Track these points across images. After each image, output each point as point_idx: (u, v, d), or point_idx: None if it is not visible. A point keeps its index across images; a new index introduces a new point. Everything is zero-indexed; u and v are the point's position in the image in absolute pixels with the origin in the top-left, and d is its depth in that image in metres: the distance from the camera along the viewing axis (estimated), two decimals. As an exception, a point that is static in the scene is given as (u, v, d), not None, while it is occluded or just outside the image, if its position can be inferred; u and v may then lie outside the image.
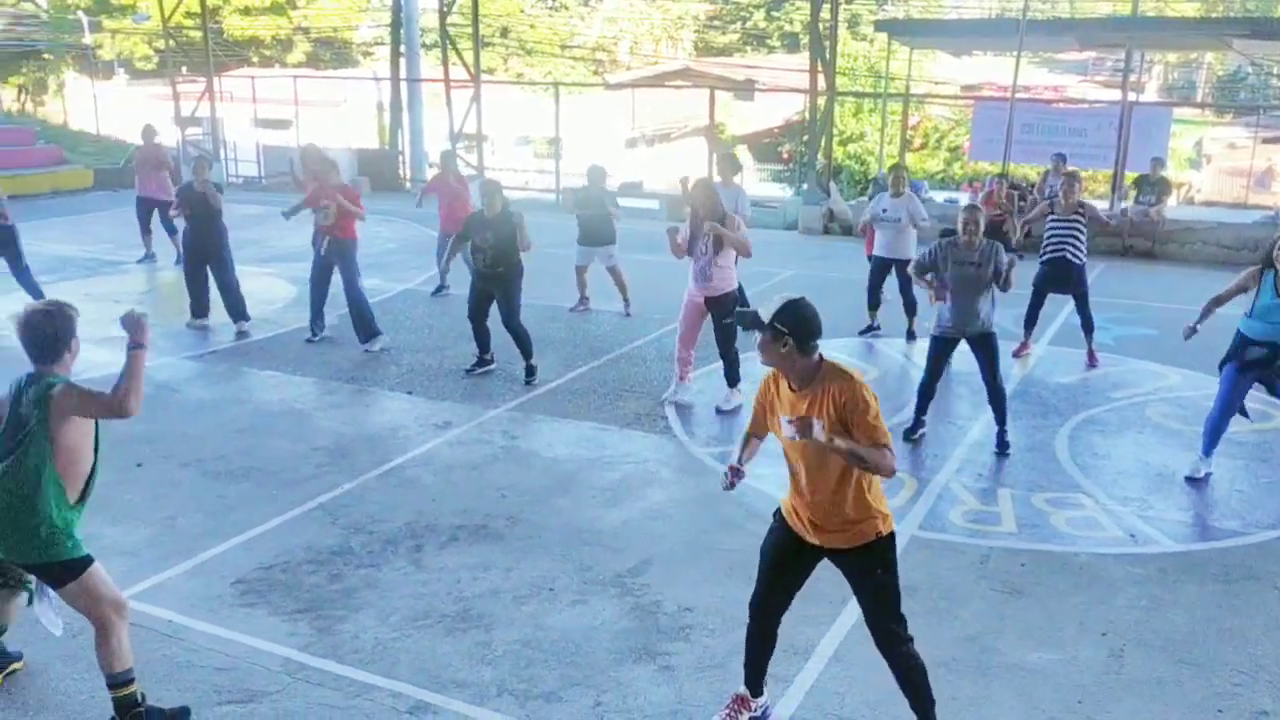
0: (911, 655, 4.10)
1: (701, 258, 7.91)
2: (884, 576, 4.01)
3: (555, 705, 4.49)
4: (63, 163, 22.85)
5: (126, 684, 4.19)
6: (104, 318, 11.21)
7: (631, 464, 7.19)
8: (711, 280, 7.95)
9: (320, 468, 7.07)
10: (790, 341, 3.79)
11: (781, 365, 3.89)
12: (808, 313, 3.85)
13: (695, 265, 7.98)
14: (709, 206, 7.84)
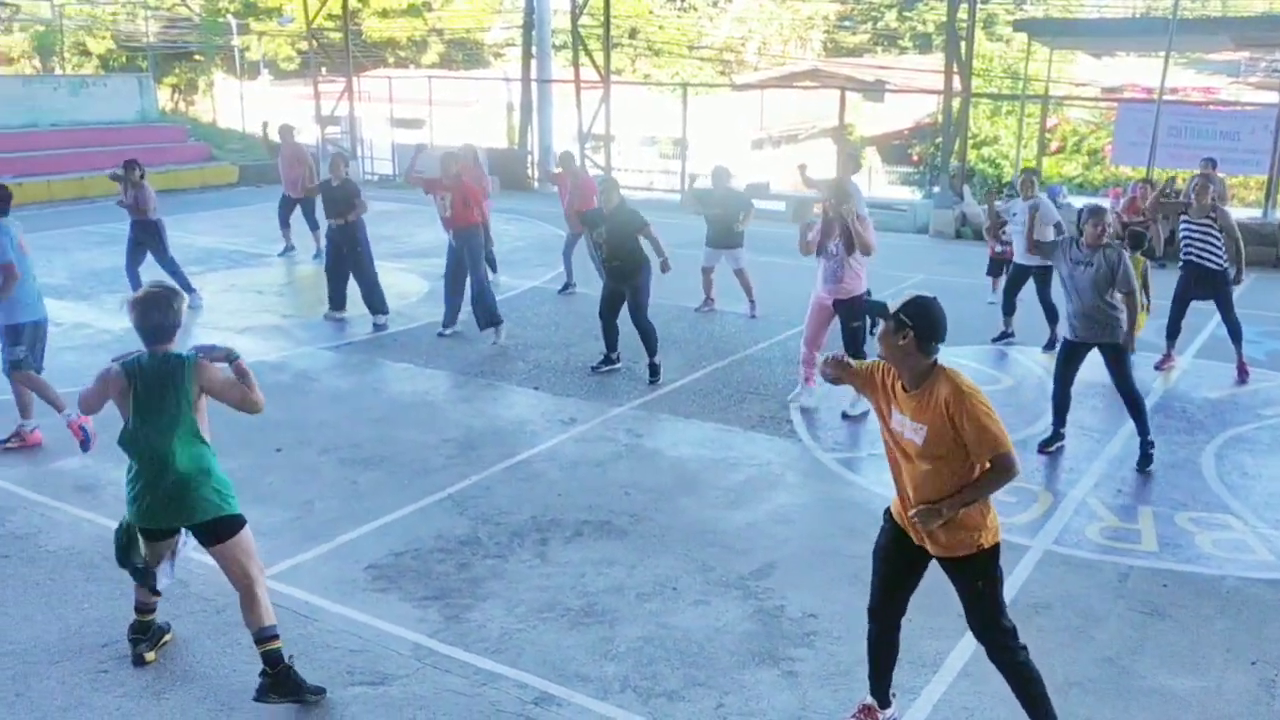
0: (1023, 665, 3.99)
1: (833, 258, 7.82)
2: (984, 588, 3.92)
3: (678, 704, 4.49)
4: (210, 159, 23.89)
5: (274, 638, 4.42)
6: (246, 307, 11.74)
7: (755, 466, 7.15)
8: (842, 281, 7.84)
9: (450, 459, 7.23)
10: (911, 335, 3.72)
11: (896, 359, 3.81)
12: (936, 312, 3.78)
13: (825, 266, 7.89)
14: (838, 206, 7.74)
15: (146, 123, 24.41)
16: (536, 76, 23.24)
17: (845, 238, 7.72)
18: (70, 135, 22.20)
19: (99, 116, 23.34)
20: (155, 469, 4.32)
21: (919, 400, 3.77)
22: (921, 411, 3.75)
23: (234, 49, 38.65)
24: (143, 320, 4.34)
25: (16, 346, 7.11)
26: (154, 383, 4.31)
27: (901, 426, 3.84)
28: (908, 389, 3.83)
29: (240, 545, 4.44)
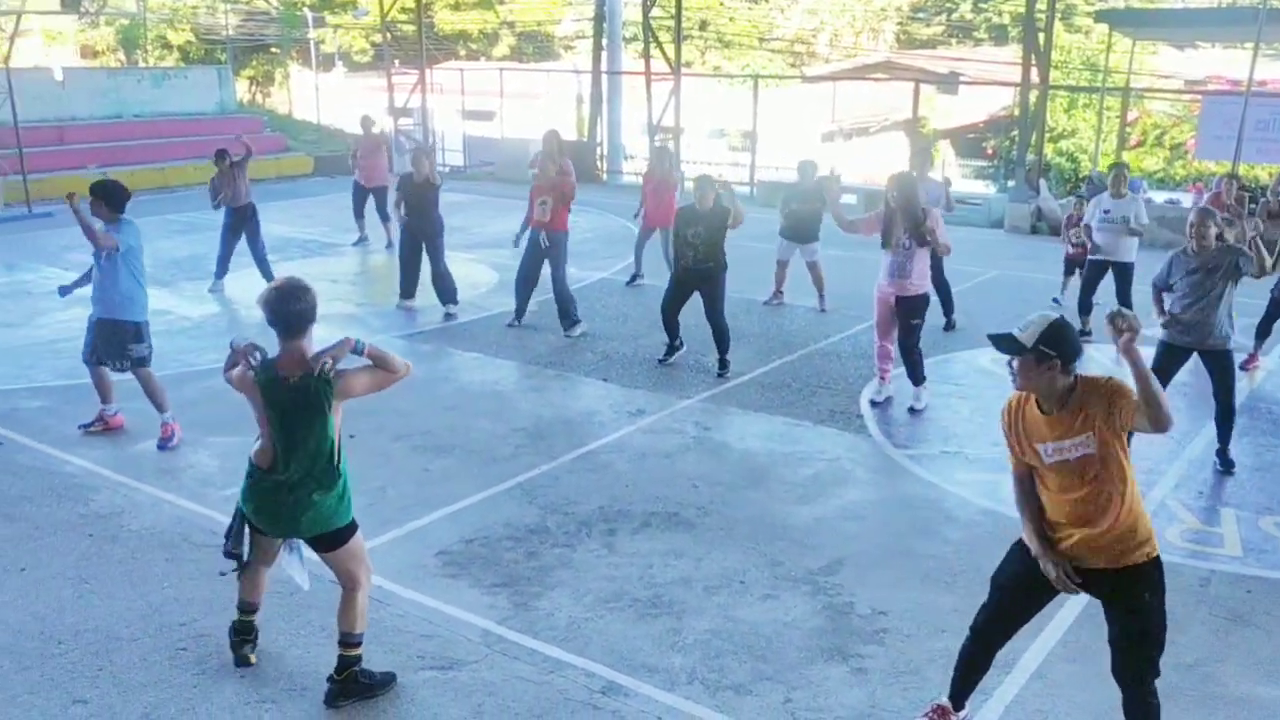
0: (1154, 694, 3.83)
1: (900, 252, 7.71)
2: (1152, 601, 3.74)
3: (745, 698, 4.47)
4: (286, 150, 24.32)
5: (358, 645, 4.40)
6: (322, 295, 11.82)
7: (825, 461, 7.08)
8: (909, 277, 7.73)
9: (519, 448, 7.28)
10: (1058, 364, 3.61)
11: (1043, 388, 3.66)
12: (1070, 333, 3.67)
13: (891, 259, 7.77)
14: (906, 201, 7.63)
15: (225, 114, 24.92)
16: (607, 68, 23.28)
17: (914, 231, 7.61)
18: (152, 126, 22.76)
19: (180, 108, 23.90)
20: (284, 489, 4.24)
21: (1071, 416, 3.64)
22: (1078, 425, 3.62)
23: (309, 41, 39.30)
24: (276, 311, 4.14)
25: (140, 344, 7.25)
26: (295, 407, 4.15)
27: (1060, 453, 3.67)
28: (1052, 411, 3.68)
29: (349, 551, 4.39)
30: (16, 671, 4.60)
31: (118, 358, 7.21)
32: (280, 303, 4.13)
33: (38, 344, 9.80)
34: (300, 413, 4.15)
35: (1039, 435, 3.73)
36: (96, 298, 7.20)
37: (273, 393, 4.16)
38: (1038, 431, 3.73)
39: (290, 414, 4.16)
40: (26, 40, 20.36)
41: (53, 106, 21.33)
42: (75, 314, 10.69)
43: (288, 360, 4.17)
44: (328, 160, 23.80)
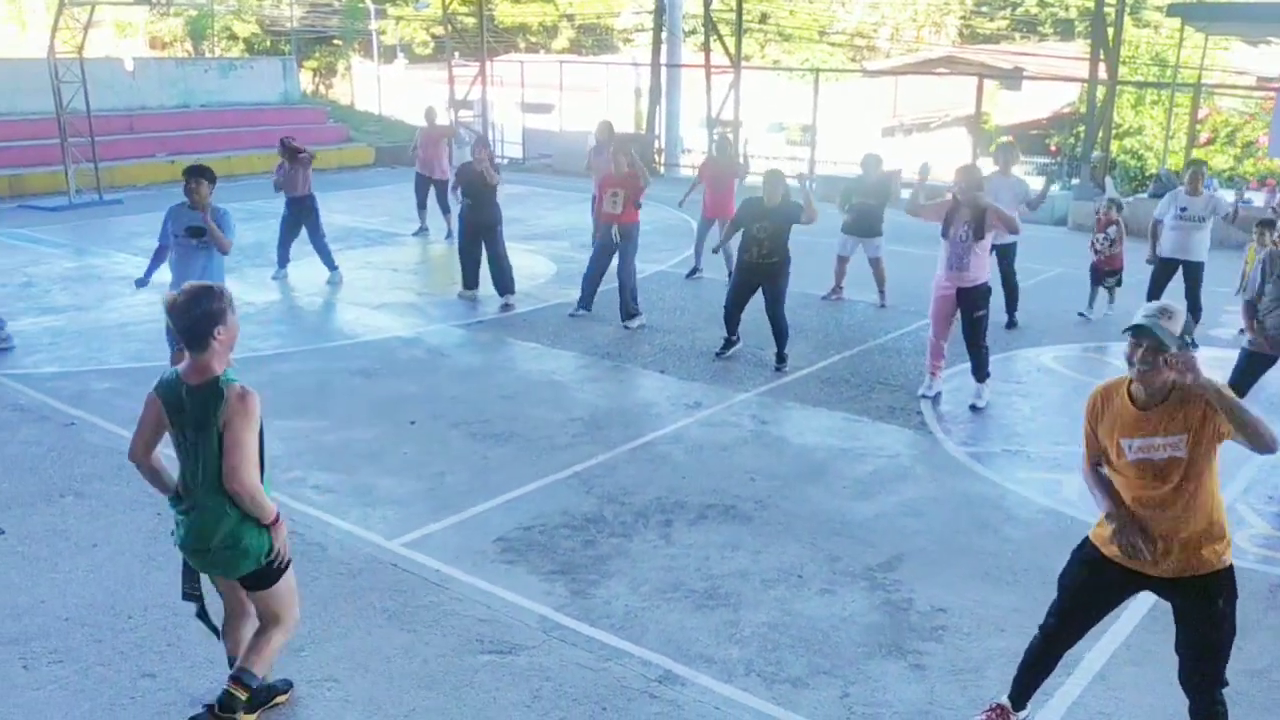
0: (1222, 702, 3.75)
1: (960, 243, 7.62)
2: (1225, 608, 3.66)
3: (802, 691, 4.46)
4: (348, 141, 24.63)
5: (249, 688, 3.95)
6: (382, 284, 12.08)
7: (884, 457, 7.03)
8: (968, 269, 7.64)
9: (576, 437, 7.31)
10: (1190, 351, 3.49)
11: (1153, 379, 3.51)
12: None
13: (950, 251, 7.68)
14: (970, 192, 7.54)
15: (289, 104, 25.31)
16: (666, 61, 23.25)
17: (975, 223, 7.52)
18: (218, 116, 23.18)
19: (245, 98, 24.31)
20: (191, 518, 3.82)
21: (1167, 415, 3.52)
22: (1173, 425, 3.50)
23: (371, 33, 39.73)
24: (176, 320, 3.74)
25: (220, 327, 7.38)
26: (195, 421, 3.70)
27: (1145, 450, 3.56)
28: (1147, 406, 3.56)
29: (276, 595, 3.94)
30: (89, 643, 4.72)
31: None
32: (178, 312, 3.70)
33: (107, 327, 10.03)
34: (200, 428, 3.69)
35: (1125, 430, 3.61)
36: (176, 282, 7.36)
37: (173, 404, 3.74)
38: (1125, 425, 3.61)
39: (190, 429, 3.72)
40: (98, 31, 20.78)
41: (123, 96, 21.80)
42: (144, 298, 10.93)
43: (190, 369, 3.74)
44: (388, 151, 24.05)
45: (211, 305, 3.72)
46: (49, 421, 7.47)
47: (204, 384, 3.70)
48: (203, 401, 3.69)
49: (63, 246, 14.11)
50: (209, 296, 3.74)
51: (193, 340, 3.70)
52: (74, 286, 11.71)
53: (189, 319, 3.69)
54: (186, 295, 3.71)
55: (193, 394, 3.70)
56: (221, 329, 3.73)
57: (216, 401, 3.66)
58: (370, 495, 6.34)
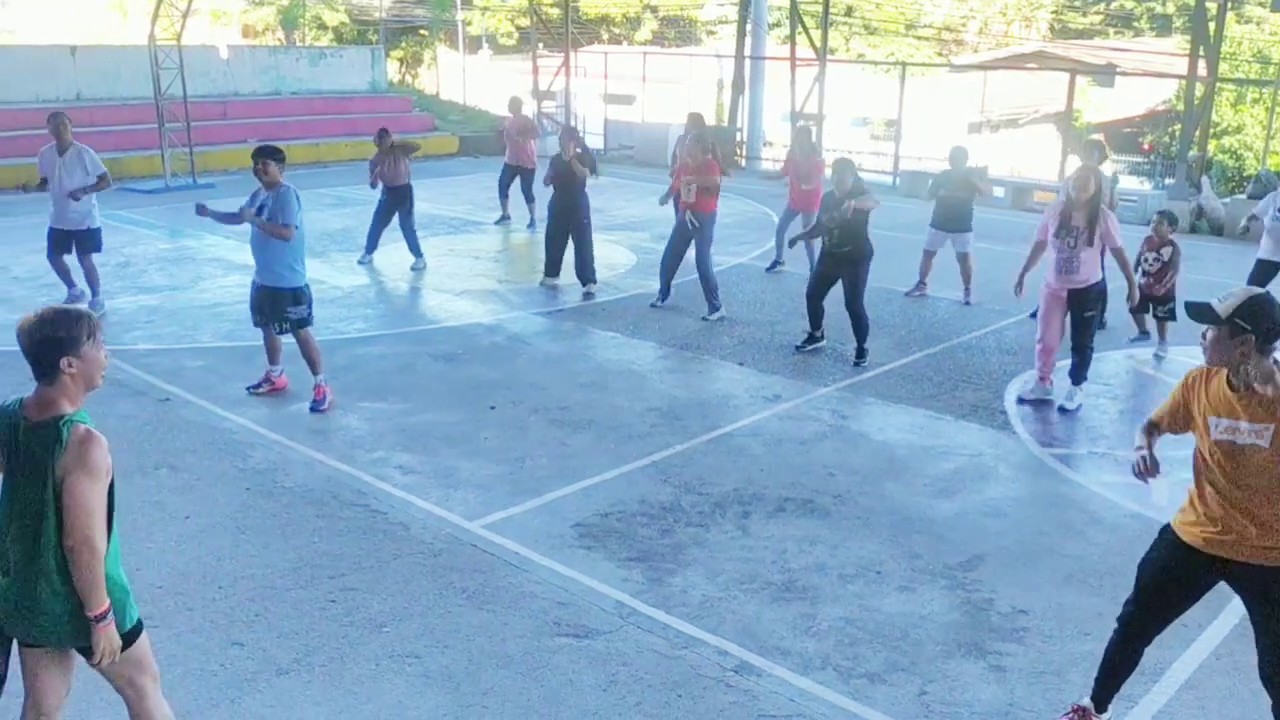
0: None
1: (1068, 249, 7.44)
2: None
3: (879, 686, 4.42)
4: (433, 130, 24.93)
5: None
6: (464, 271, 12.23)
7: (966, 456, 6.93)
8: (1079, 272, 7.47)
9: (654, 427, 7.33)
10: (1251, 340, 3.45)
11: (1231, 364, 3.51)
12: (1274, 310, 3.48)
13: (1058, 255, 7.49)
14: (1085, 193, 7.36)
15: (376, 93, 25.72)
16: (750, 53, 23.13)
17: (1089, 227, 7.34)
18: (308, 103, 23.63)
19: (334, 86, 24.75)
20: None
21: (1260, 402, 3.46)
22: (1261, 413, 3.45)
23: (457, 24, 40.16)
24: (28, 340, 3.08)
25: (299, 306, 7.51)
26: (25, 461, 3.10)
27: (1230, 432, 3.52)
28: (1240, 389, 3.52)
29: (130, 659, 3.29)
30: (180, 611, 4.87)
31: (278, 320, 7.52)
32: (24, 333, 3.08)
33: (200, 307, 10.31)
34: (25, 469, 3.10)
35: (1216, 409, 3.57)
36: (258, 265, 7.53)
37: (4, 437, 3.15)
38: (1217, 405, 3.57)
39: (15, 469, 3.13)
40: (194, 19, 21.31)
41: (218, 82, 22.36)
42: (236, 279, 11.25)
43: (34, 402, 3.14)
44: (472, 140, 24.31)
45: (59, 332, 3.05)
46: (145, 397, 7.72)
47: (43, 422, 3.08)
48: (39, 441, 3.06)
49: (158, 228, 14.53)
50: (61, 322, 3.07)
51: (37, 369, 3.09)
52: (169, 267, 12.06)
53: (32, 342, 3.06)
54: (38, 317, 3.08)
55: (30, 431, 3.08)
56: (73, 360, 3.08)
57: (54, 444, 3.04)
58: (452, 477, 6.43)
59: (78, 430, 3.05)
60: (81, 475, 3.02)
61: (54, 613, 3.12)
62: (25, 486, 3.08)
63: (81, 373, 3.10)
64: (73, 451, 3.02)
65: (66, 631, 3.16)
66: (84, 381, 3.13)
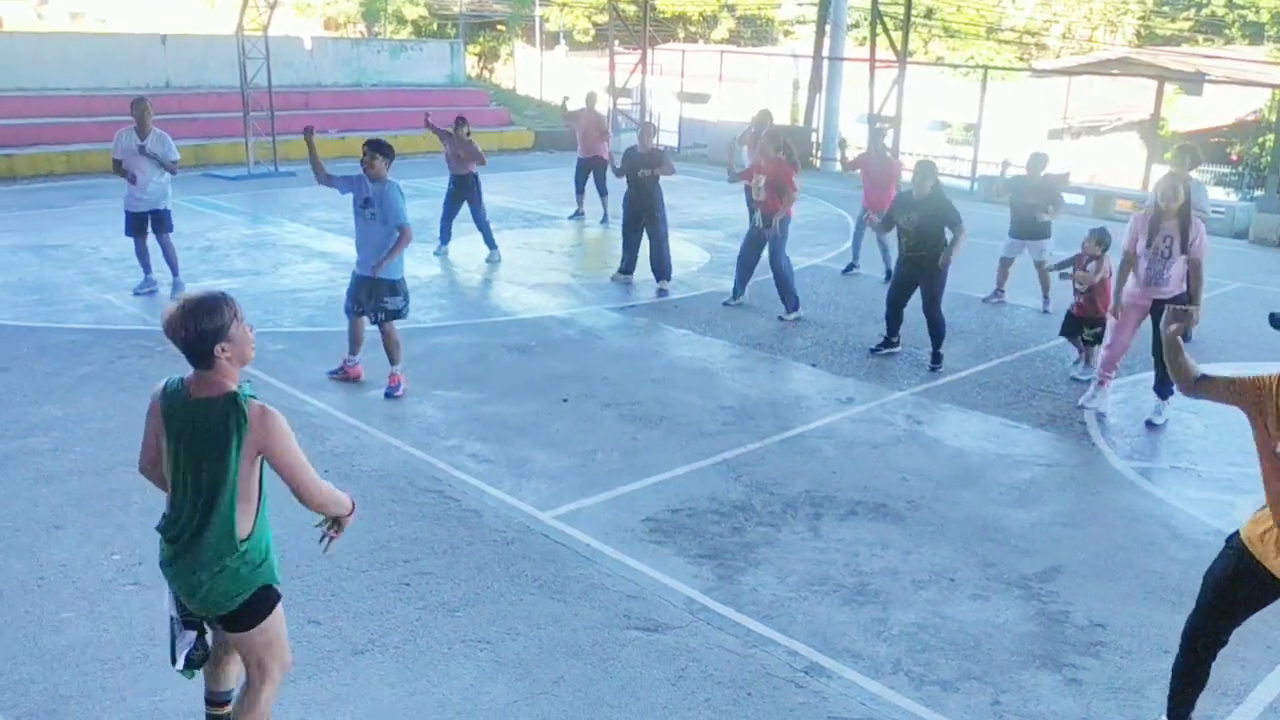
0: None
1: (1159, 260, 7.27)
2: None
3: (951, 694, 4.37)
4: (509, 124, 25.14)
5: None
6: (538, 265, 12.32)
7: (1043, 466, 6.82)
8: (1167, 283, 7.29)
9: (725, 425, 7.32)
10: None
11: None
12: None
13: (1147, 266, 7.32)
14: (1175, 202, 7.19)
15: (454, 86, 26.00)
16: (829, 54, 22.96)
17: (1182, 236, 7.17)
18: (387, 95, 23.97)
19: (413, 79, 25.08)
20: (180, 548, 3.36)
21: None
22: None
23: (535, 19, 40.44)
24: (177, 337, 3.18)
25: (395, 297, 7.65)
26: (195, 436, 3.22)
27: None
28: None
29: (263, 634, 3.44)
30: (260, 587, 4.97)
31: (376, 310, 7.65)
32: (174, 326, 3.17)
33: (280, 292, 10.52)
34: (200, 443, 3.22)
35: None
36: (360, 256, 7.68)
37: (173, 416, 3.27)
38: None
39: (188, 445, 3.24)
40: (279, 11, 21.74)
41: (301, 73, 22.78)
42: (316, 266, 11.47)
43: (196, 383, 3.25)
44: (548, 135, 24.46)
45: (207, 323, 3.15)
46: (227, 377, 7.88)
47: (212, 399, 3.21)
48: (216, 416, 3.19)
49: (241, 214, 14.85)
50: (206, 312, 3.17)
51: (194, 358, 3.22)
52: (251, 252, 12.32)
53: (185, 336, 3.17)
54: (183, 310, 3.16)
55: (201, 410, 3.21)
56: (225, 345, 3.20)
57: (236, 416, 3.17)
58: (524, 467, 6.48)
59: (254, 407, 3.21)
60: (283, 445, 3.26)
61: (205, 581, 3.30)
62: (202, 461, 3.21)
63: (234, 354, 3.24)
64: (258, 429, 3.19)
65: (212, 600, 3.33)
66: (238, 361, 3.26)
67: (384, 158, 7.51)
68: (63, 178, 17.68)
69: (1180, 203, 7.19)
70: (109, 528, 5.53)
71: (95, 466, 6.27)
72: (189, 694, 4.18)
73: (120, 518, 5.64)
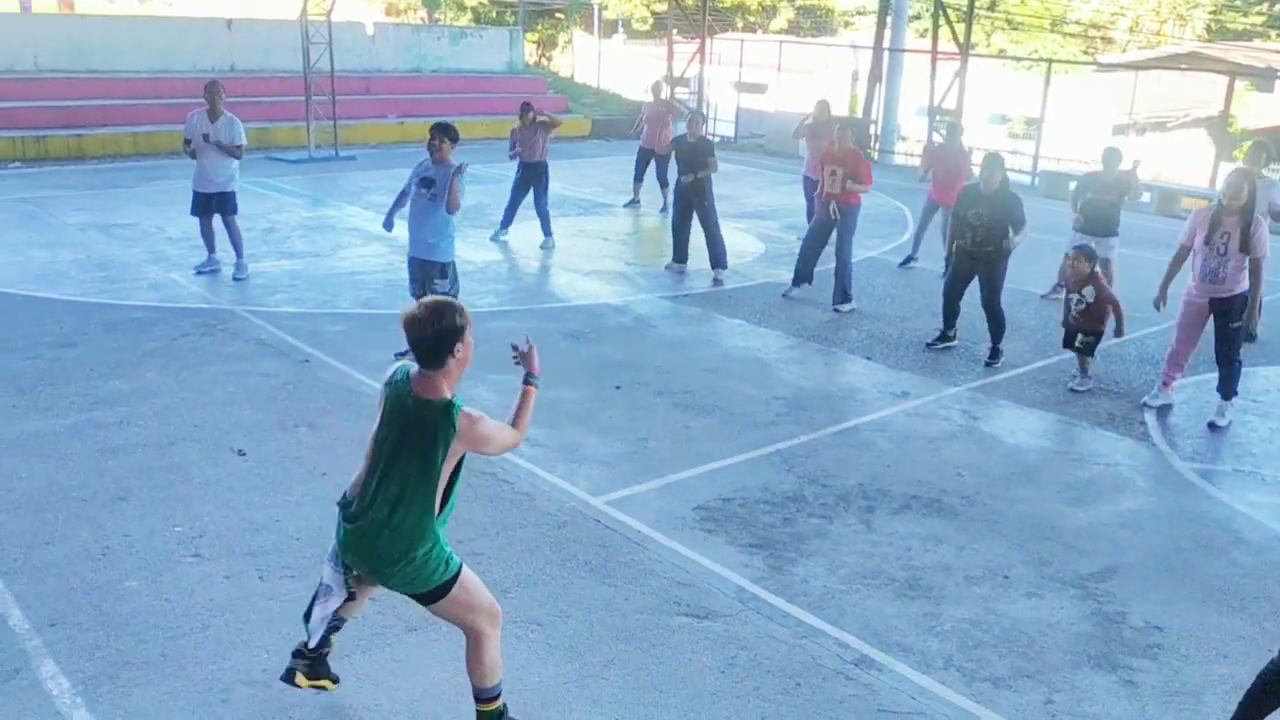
0: None
1: (1216, 257, 7.14)
2: None
3: (1003, 691, 4.33)
4: (567, 112, 25.16)
5: (493, 699, 3.85)
6: (593, 253, 12.35)
7: (1102, 465, 6.71)
8: (1224, 281, 7.17)
9: (779, 416, 7.29)
10: None
11: None
12: None
13: (1205, 263, 7.21)
14: (1238, 200, 7.05)
15: (513, 74, 26.10)
16: (889, 45, 22.72)
17: (1242, 233, 7.04)
18: (447, 81, 24.13)
19: (472, 65, 25.22)
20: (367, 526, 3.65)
21: None
22: None
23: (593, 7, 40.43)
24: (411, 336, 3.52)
25: (443, 280, 7.79)
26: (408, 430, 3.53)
27: None
28: None
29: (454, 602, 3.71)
30: (317, 563, 5.00)
31: (428, 292, 7.75)
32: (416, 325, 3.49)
33: (340, 274, 10.66)
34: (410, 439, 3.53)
35: None
36: (411, 237, 7.80)
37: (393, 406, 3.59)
38: None
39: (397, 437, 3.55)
40: (343, -3, 22.08)
41: (362, 58, 23.00)
42: (375, 249, 11.60)
43: (420, 380, 3.57)
44: (604, 124, 24.49)
45: (455, 321, 3.49)
46: (286, 357, 8.01)
47: (430, 400, 3.50)
48: (430, 420, 3.48)
49: (302, 197, 15.05)
50: (451, 312, 3.50)
51: (429, 357, 3.51)
52: (311, 235, 12.48)
53: (432, 334, 3.46)
54: (429, 311, 3.48)
55: (419, 406, 3.51)
56: (460, 345, 3.52)
57: (446, 427, 3.46)
58: (577, 453, 6.52)
59: (463, 417, 3.48)
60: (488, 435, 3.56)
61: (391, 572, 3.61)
62: (409, 450, 3.50)
63: (464, 357, 3.55)
64: (466, 436, 3.49)
65: (399, 584, 3.65)
66: (464, 365, 3.58)
67: (451, 141, 7.67)
68: (130, 158, 18.03)
69: (1243, 201, 7.05)
70: (171, 500, 5.64)
71: (159, 440, 6.41)
72: (248, 663, 4.27)
73: (182, 490, 5.76)
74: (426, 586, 3.63)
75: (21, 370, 7.50)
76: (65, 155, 17.74)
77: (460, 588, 3.68)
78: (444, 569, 3.64)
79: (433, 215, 7.66)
